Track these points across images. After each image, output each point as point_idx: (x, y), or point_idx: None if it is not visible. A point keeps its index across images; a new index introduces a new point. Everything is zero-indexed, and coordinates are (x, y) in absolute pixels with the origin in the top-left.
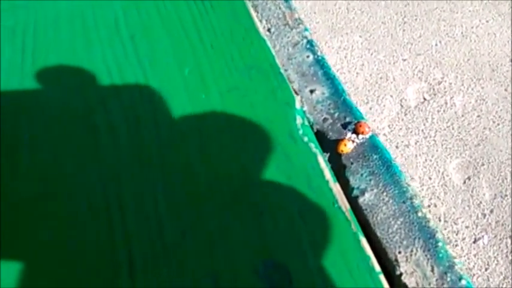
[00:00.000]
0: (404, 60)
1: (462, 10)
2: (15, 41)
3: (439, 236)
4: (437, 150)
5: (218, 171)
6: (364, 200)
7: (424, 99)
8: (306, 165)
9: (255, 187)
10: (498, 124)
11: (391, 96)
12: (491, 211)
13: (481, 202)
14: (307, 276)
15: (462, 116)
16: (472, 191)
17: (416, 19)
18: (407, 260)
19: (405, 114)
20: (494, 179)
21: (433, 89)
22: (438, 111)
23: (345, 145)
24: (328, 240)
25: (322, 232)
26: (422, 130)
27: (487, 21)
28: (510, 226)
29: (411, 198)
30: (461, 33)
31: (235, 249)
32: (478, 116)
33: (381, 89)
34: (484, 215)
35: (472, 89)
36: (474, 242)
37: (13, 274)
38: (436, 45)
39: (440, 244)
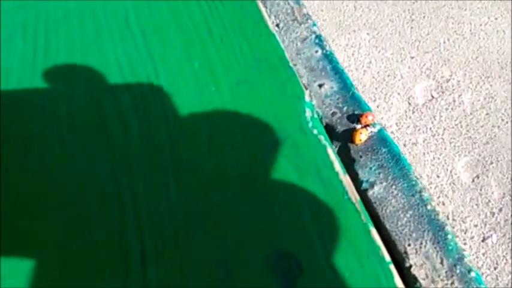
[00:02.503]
0: (412, 57)
1: (471, 7)
2: (27, 36)
3: (448, 228)
4: (445, 149)
5: (228, 163)
6: (374, 193)
7: (432, 97)
8: (315, 157)
9: (265, 178)
10: (507, 122)
11: (399, 94)
12: (500, 210)
13: (489, 201)
14: (317, 266)
15: (471, 114)
16: (480, 190)
17: (424, 17)
18: (416, 252)
19: (413, 112)
20: (503, 178)
21: (441, 87)
22: (446, 109)
23: (361, 133)
24: (338, 230)
25: (332, 223)
26: (430, 128)
27: (496, 19)
28: None
29: (420, 192)
30: (470, 30)
31: (246, 238)
32: (487, 114)
33: (388, 87)
34: (493, 214)
35: (481, 87)
36: (483, 241)
37: (24, 262)
38: (444, 42)
39: (449, 237)
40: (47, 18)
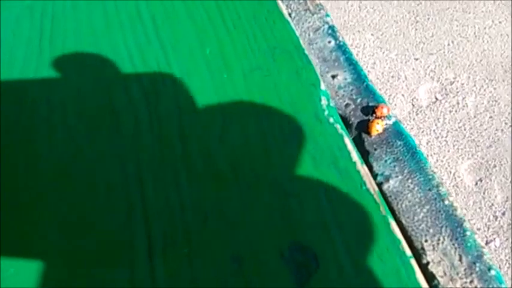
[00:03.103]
0: (417, 59)
1: (475, 10)
2: (33, 21)
3: (466, 225)
4: (448, 151)
5: (241, 153)
6: (389, 186)
7: (436, 99)
8: (332, 146)
9: (279, 168)
10: (510, 126)
11: (403, 95)
12: (503, 213)
13: (492, 204)
14: (334, 260)
15: (474, 117)
16: (483, 193)
17: (428, 18)
18: (434, 248)
19: (417, 114)
20: (506, 181)
21: (445, 89)
22: (450, 111)
23: (377, 124)
24: (356, 223)
25: (350, 215)
26: (434, 130)
27: (500, 22)
28: None
29: (437, 186)
30: (474, 33)
31: (259, 232)
32: (491, 117)
33: (392, 88)
34: (496, 217)
35: (485, 90)
36: (486, 245)
37: (26, 253)
38: (449, 45)
39: (468, 233)
40: (54, 2)
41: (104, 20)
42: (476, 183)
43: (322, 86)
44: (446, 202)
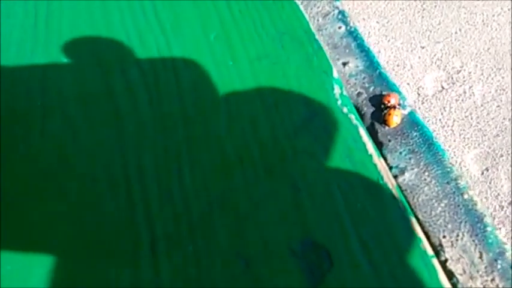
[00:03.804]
0: (423, 47)
1: None
2: (28, 3)
3: (487, 220)
4: (454, 140)
5: (249, 143)
6: (404, 180)
7: (442, 87)
8: (346, 137)
9: (290, 160)
10: None
11: (408, 84)
12: (510, 203)
13: (499, 194)
14: (350, 258)
15: (481, 105)
16: (490, 183)
17: (435, 6)
18: (452, 245)
19: (422, 103)
20: None
21: (452, 78)
22: (456, 100)
23: (396, 115)
24: (373, 219)
25: (366, 210)
26: (440, 119)
27: (509, 9)
28: None
29: (456, 179)
30: (482, 21)
31: (269, 227)
32: (498, 106)
33: (397, 77)
34: (502, 207)
35: (492, 79)
36: None
37: (26, 246)
38: (456, 33)
39: (489, 229)
40: None
41: (101, 2)
42: (483, 173)
43: (335, 74)
44: (466, 196)
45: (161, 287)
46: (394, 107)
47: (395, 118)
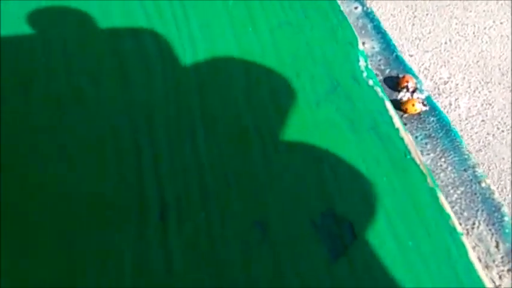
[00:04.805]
0: (411, 56)
1: (476, 9)
2: None
3: (505, 210)
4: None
5: (268, 115)
6: None
7: None
8: (372, 110)
9: (313, 133)
10: (502, 131)
11: None
12: None
13: None
14: (374, 231)
15: (466, 119)
16: None
17: (427, 14)
18: (468, 233)
19: None
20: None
21: (438, 89)
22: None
23: (417, 102)
24: (399, 194)
25: (392, 185)
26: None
27: (501, 23)
28: None
29: (473, 167)
30: (473, 33)
31: (288, 198)
32: (483, 120)
33: None
34: None
35: (479, 92)
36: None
37: (28, 213)
38: (446, 43)
39: (506, 219)
40: None
41: None
42: None
43: (360, 46)
44: (483, 185)
45: (170, 257)
46: (414, 91)
47: (417, 105)
